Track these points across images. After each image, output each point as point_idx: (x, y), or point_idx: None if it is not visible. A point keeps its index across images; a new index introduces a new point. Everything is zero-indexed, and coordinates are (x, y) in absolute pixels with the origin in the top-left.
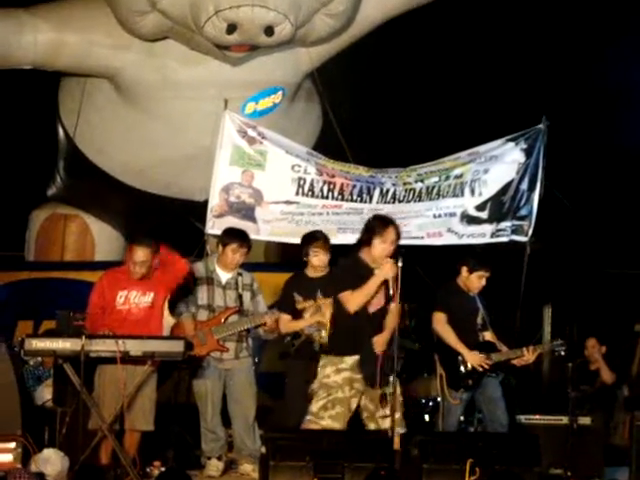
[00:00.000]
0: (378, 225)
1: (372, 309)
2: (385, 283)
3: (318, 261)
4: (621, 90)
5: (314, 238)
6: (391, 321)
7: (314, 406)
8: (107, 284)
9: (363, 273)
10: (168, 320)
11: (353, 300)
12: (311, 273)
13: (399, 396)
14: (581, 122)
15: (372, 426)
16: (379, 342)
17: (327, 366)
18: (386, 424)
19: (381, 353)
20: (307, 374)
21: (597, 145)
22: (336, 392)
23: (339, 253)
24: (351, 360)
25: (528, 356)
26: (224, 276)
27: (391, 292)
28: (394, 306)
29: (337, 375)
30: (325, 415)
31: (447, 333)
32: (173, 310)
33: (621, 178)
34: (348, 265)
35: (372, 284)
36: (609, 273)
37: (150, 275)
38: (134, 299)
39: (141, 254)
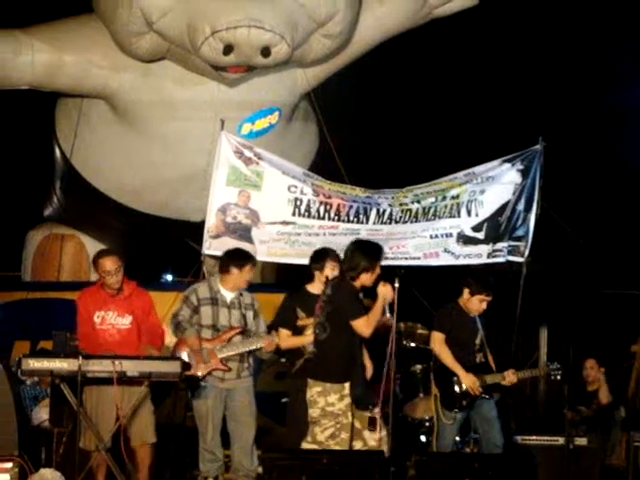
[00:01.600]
0: (375, 252)
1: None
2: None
3: (332, 276)
4: (618, 112)
5: (329, 253)
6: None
7: (320, 435)
8: (86, 303)
9: (358, 297)
10: (170, 340)
11: (369, 325)
12: (314, 290)
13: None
14: (578, 143)
15: (358, 445)
16: (369, 367)
17: (330, 394)
18: (374, 443)
19: (370, 377)
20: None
21: (593, 166)
22: (342, 419)
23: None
24: (348, 385)
25: (509, 379)
26: (228, 296)
27: (387, 314)
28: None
29: (341, 402)
30: (332, 443)
31: (444, 353)
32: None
33: (617, 199)
34: (350, 291)
35: (378, 308)
36: (605, 294)
37: (126, 294)
38: (110, 319)
39: (109, 263)
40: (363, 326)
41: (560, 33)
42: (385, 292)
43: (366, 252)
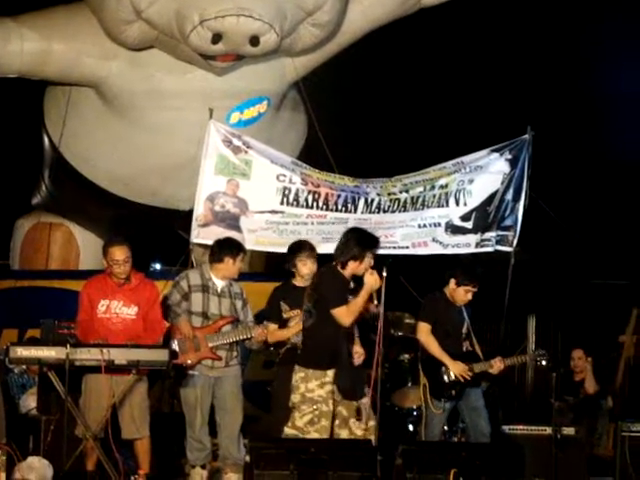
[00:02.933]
0: (366, 240)
1: None
2: (350, 290)
3: (306, 270)
4: (606, 100)
5: (301, 247)
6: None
7: (299, 421)
8: (91, 291)
9: (345, 287)
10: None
11: (348, 315)
12: (298, 282)
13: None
14: (566, 132)
15: (344, 434)
16: (360, 351)
17: (311, 380)
18: (359, 432)
19: (362, 360)
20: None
21: (582, 155)
22: (321, 406)
23: (324, 263)
24: (331, 372)
25: (497, 366)
26: (219, 284)
27: (374, 302)
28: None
29: (321, 389)
30: (311, 429)
31: (431, 343)
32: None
33: (606, 188)
34: (333, 279)
35: (362, 298)
36: (593, 284)
37: (134, 284)
38: (115, 309)
39: (119, 252)
40: (342, 315)
41: (548, 20)
42: (372, 281)
43: (357, 240)
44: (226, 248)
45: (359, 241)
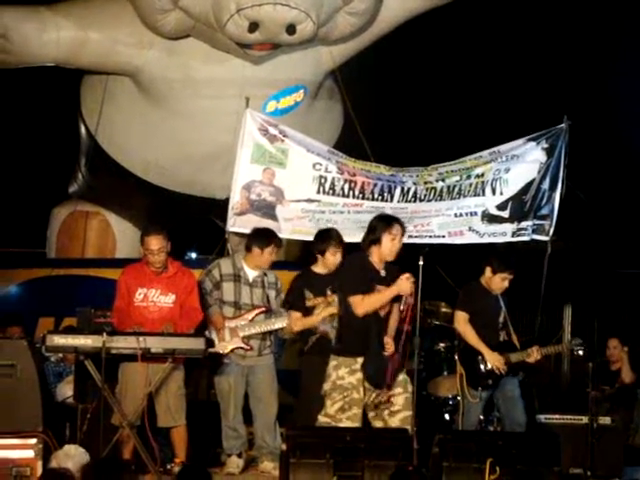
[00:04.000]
0: (384, 223)
1: (382, 312)
2: (398, 298)
3: (335, 260)
4: None
5: (332, 237)
6: (393, 321)
7: (330, 409)
8: (128, 279)
9: (370, 274)
10: None
11: (363, 306)
12: (319, 269)
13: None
14: (603, 122)
15: (379, 424)
16: (390, 343)
17: (341, 367)
18: (394, 422)
19: (390, 354)
20: (323, 371)
21: (618, 145)
22: (352, 393)
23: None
24: (361, 360)
25: (534, 356)
26: (251, 274)
27: (402, 307)
28: (396, 307)
29: (352, 376)
30: (343, 417)
31: (468, 332)
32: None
33: None
34: (355, 265)
35: (386, 296)
36: (629, 273)
37: (171, 273)
38: (153, 297)
39: (155, 242)
40: (357, 304)
41: (587, 11)
42: (402, 286)
43: (376, 223)
44: (256, 238)
45: (377, 223)
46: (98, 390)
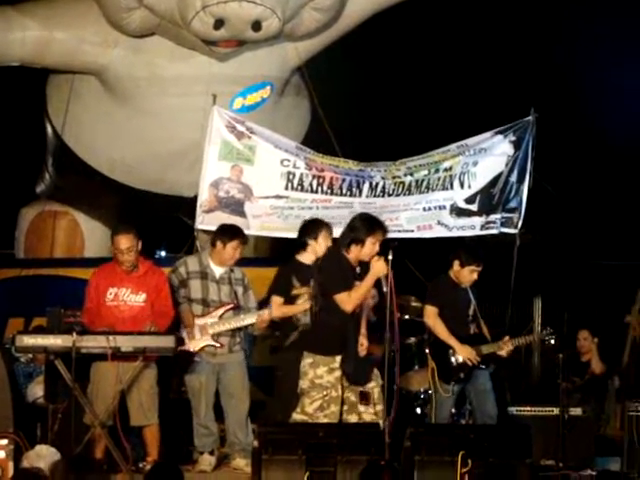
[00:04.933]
0: (368, 227)
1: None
2: (377, 281)
3: (326, 246)
4: (610, 81)
5: (322, 224)
6: (363, 318)
7: (308, 407)
8: (99, 279)
9: (348, 272)
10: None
11: (350, 302)
12: (306, 259)
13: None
14: (569, 113)
15: (353, 419)
16: (364, 344)
17: (319, 366)
18: (368, 417)
19: (365, 352)
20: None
21: (586, 136)
22: (330, 392)
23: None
24: (339, 358)
25: (507, 347)
26: (218, 271)
27: (384, 289)
28: (368, 302)
29: (330, 375)
30: (320, 415)
31: (438, 326)
32: None
33: (610, 169)
34: (335, 264)
35: (368, 284)
36: (599, 264)
37: (141, 272)
38: (123, 296)
39: (124, 241)
40: (344, 301)
41: (552, 3)
42: (377, 267)
43: (361, 224)
44: (219, 233)
45: (362, 225)
46: (69, 390)
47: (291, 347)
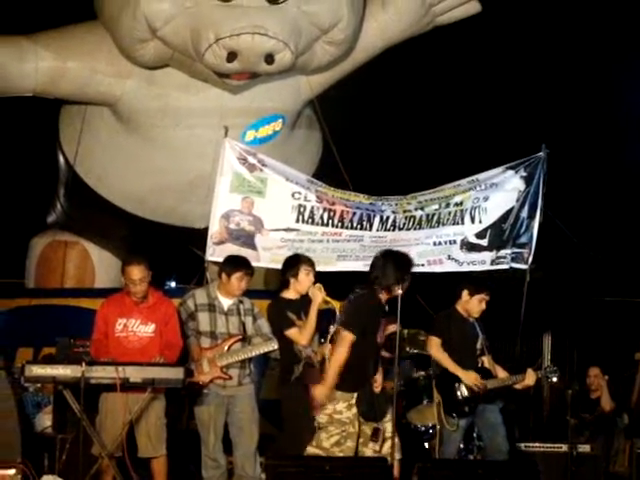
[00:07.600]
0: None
1: (379, 339)
2: (384, 313)
3: (308, 281)
4: (622, 119)
5: (302, 258)
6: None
7: (326, 442)
8: (108, 310)
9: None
10: None
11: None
12: (291, 295)
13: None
14: (581, 151)
15: (367, 452)
16: (379, 381)
17: (339, 401)
18: (382, 450)
19: (380, 389)
20: (307, 401)
21: (597, 173)
22: (348, 428)
23: (339, 280)
24: (356, 395)
25: (528, 380)
26: (226, 303)
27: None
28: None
29: (349, 411)
30: (336, 450)
31: (441, 357)
32: None
33: (621, 206)
34: (366, 301)
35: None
36: (609, 301)
37: (151, 302)
38: (132, 327)
39: (136, 272)
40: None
41: (564, 40)
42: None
43: (399, 264)
44: (225, 264)
45: (399, 265)
46: (77, 420)
47: (297, 382)
